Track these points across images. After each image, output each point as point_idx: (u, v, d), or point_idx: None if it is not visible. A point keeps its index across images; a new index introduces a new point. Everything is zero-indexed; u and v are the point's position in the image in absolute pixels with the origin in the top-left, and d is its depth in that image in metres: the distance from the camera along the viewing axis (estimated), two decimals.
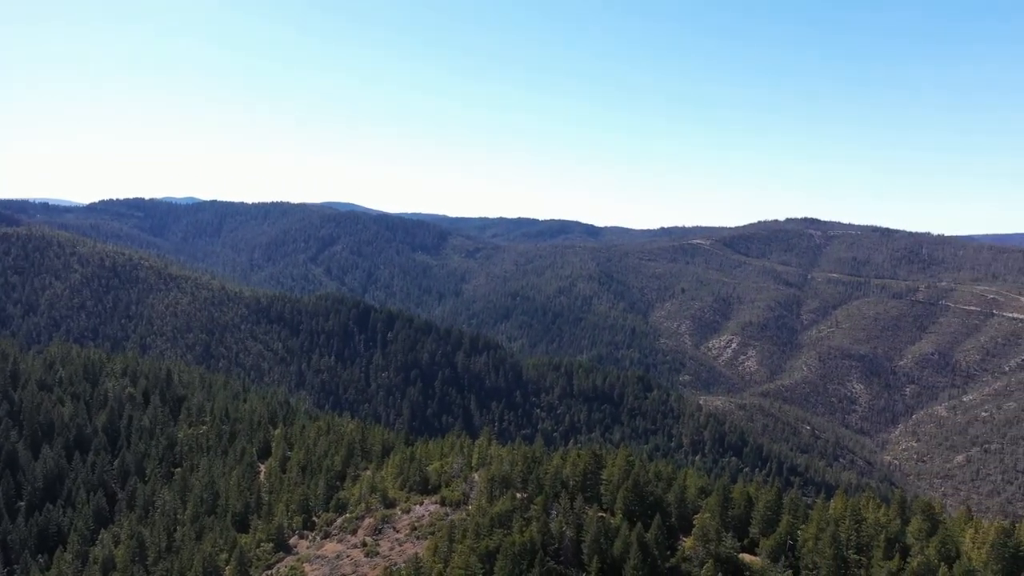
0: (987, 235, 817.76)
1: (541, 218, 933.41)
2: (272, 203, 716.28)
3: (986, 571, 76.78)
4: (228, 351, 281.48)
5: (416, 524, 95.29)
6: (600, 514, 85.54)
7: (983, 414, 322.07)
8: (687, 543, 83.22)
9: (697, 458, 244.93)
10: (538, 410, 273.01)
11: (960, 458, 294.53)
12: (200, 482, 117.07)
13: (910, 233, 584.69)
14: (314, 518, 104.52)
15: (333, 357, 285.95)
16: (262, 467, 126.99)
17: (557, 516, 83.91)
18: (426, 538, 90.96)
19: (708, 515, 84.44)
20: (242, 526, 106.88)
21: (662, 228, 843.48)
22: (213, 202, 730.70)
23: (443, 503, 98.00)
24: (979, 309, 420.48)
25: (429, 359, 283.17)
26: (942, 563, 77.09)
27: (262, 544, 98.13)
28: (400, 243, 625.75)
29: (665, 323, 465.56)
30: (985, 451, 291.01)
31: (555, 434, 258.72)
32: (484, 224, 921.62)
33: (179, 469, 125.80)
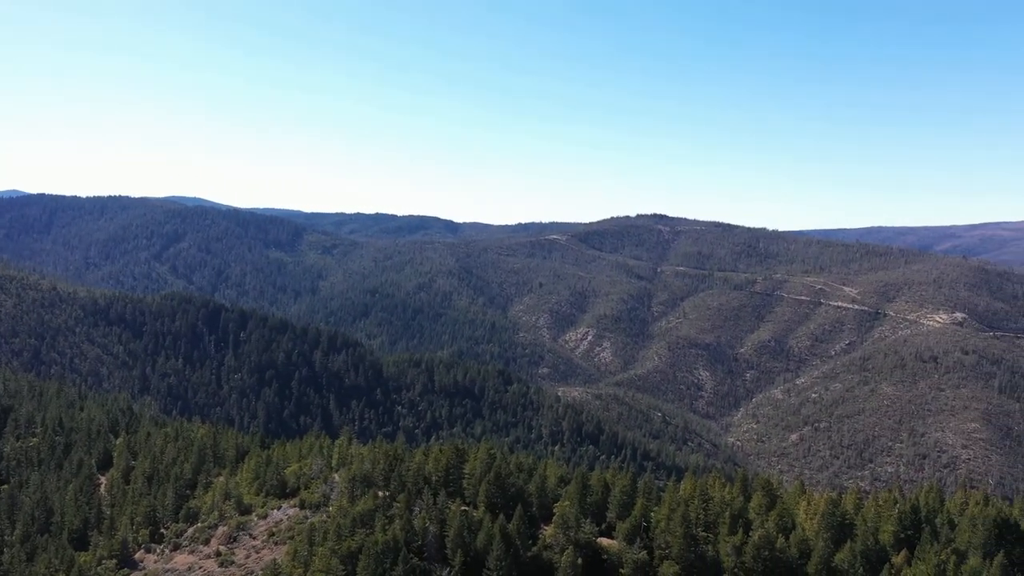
0: (815, 230, 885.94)
1: (400, 214, 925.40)
2: (110, 197, 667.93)
3: (817, 539, 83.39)
4: (61, 356, 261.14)
5: (274, 529, 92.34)
6: (463, 508, 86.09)
7: (813, 395, 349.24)
8: (548, 531, 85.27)
9: (557, 448, 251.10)
10: (399, 407, 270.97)
11: (794, 437, 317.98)
12: (31, 499, 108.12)
13: (748, 228, 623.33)
14: (162, 530, 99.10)
15: (181, 359, 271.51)
16: (103, 479, 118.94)
17: (420, 513, 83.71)
18: (285, 543, 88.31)
19: (568, 503, 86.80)
20: (81, 543, 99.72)
21: (520, 224, 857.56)
22: (41, 195, 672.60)
23: (302, 506, 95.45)
24: (809, 299, 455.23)
25: (285, 359, 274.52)
26: (780, 534, 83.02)
27: (104, 561, 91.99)
28: (252, 239, 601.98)
29: (524, 317, 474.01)
30: (815, 429, 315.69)
31: (417, 431, 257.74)
32: (341, 220, 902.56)
33: (5, 486, 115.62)
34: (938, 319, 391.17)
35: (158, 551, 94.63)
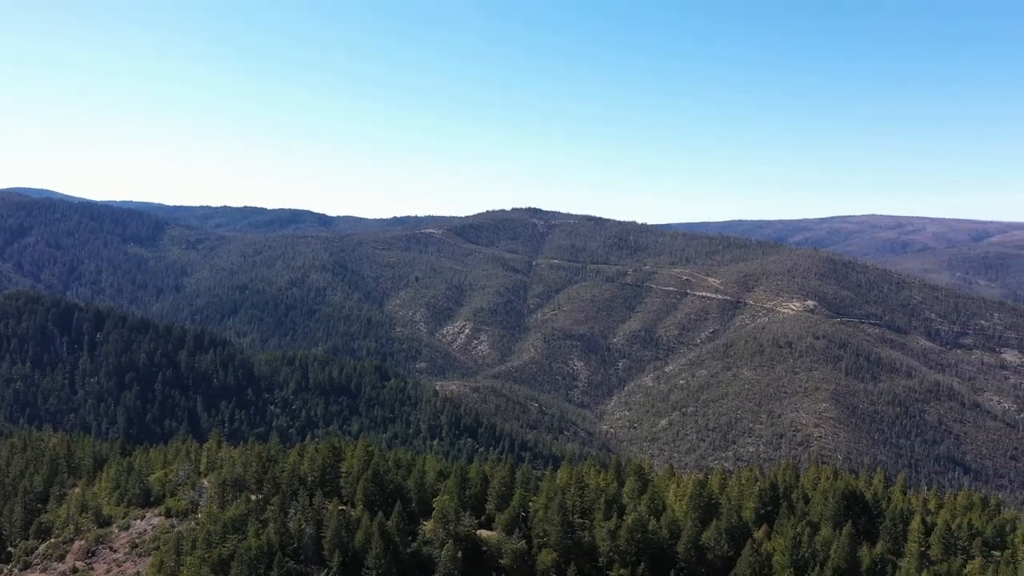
0: (681, 223, 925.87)
1: (269, 207, 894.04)
2: None
3: (686, 519, 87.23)
4: None
5: (137, 541, 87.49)
6: (341, 507, 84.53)
7: (681, 382, 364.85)
8: (428, 526, 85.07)
9: (435, 442, 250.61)
10: (272, 407, 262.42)
11: (664, 422, 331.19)
12: None
13: (619, 222, 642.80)
14: (10, 548, 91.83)
15: (29, 364, 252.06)
16: None
17: (296, 515, 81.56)
18: (149, 554, 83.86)
19: (447, 497, 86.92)
20: None
21: (395, 217, 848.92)
22: None
23: (168, 514, 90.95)
24: (676, 289, 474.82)
25: (147, 360, 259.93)
26: (652, 517, 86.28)
27: None
28: (108, 234, 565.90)
29: (400, 312, 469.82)
30: (683, 414, 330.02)
31: (291, 430, 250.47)
32: (206, 213, 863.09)
33: None
34: (792, 307, 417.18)
35: (6, 571, 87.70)
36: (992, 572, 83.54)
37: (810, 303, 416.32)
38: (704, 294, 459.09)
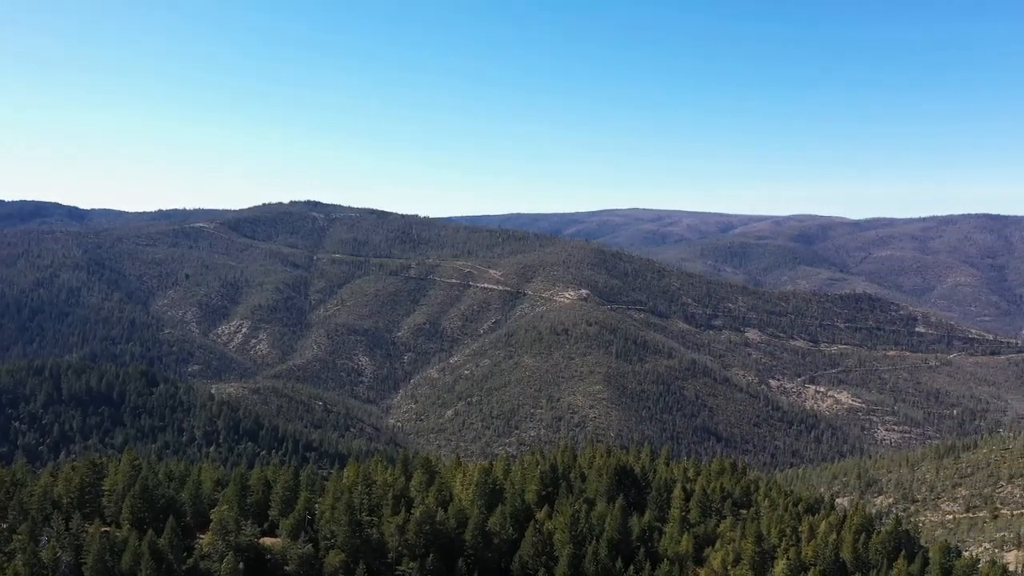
0: (463, 216, 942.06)
1: (6, 199, 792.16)
2: None
3: (473, 507, 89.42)
4: None
5: None
6: (104, 529, 77.46)
7: (465, 372, 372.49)
8: (205, 539, 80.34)
9: (212, 449, 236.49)
10: (17, 423, 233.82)
11: (450, 412, 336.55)
12: None
13: (402, 215, 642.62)
14: None
15: None
16: None
17: (49, 542, 73.55)
18: None
19: (226, 507, 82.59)
20: None
21: (160, 211, 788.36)
22: None
23: None
24: (459, 282, 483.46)
25: None
26: (440, 508, 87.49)
27: None
28: None
29: (169, 312, 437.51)
30: (468, 404, 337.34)
31: (41, 448, 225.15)
32: None
33: None
34: (567, 296, 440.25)
35: None
36: (740, 528, 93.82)
37: (583, 292, 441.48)
38: (486, 285, 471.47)
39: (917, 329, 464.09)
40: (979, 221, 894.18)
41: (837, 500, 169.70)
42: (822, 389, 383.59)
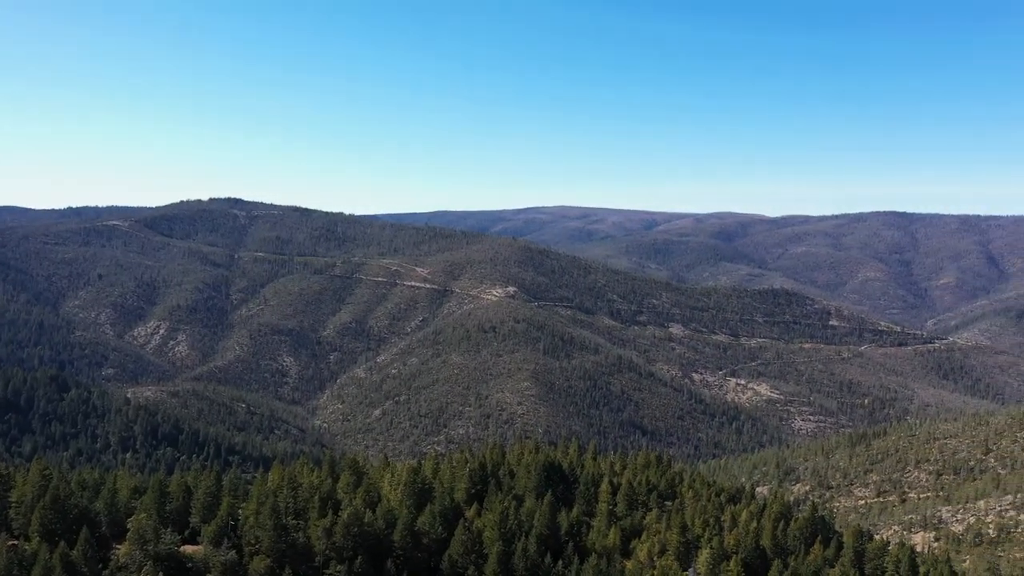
0: (389, 214, 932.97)
1: None
2: None
3: (401, 507, 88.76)
4: None
5: None
6: (12, 543, 73.88)
7: (393, 371, 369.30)
8: (122, 550, 77.45)
9: (129, 456, 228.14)
10: None
11: (377, 412, 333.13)
12: None
13: (327, 213, 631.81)
14: None
15: None
16: None
17: None
18: None
19: (144, 515, 79.80)
20: None
21: (70, 208, 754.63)
22: None
23: None
24: (385, 280, 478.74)
25: None
26: (368, 509, 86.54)
27: None
28: None
29: (81, 314, 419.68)
30: (396, 403, 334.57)
31: None
32: None
33: None
34: (495, 293, 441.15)
35: None
36: (665, 519, 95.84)
37: (511, 289, 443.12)
38: (413, 284, 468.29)
39: (831, 322, 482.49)
40: (887, 218, 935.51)
41: (757, 489, 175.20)
42: (742, 382, 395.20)
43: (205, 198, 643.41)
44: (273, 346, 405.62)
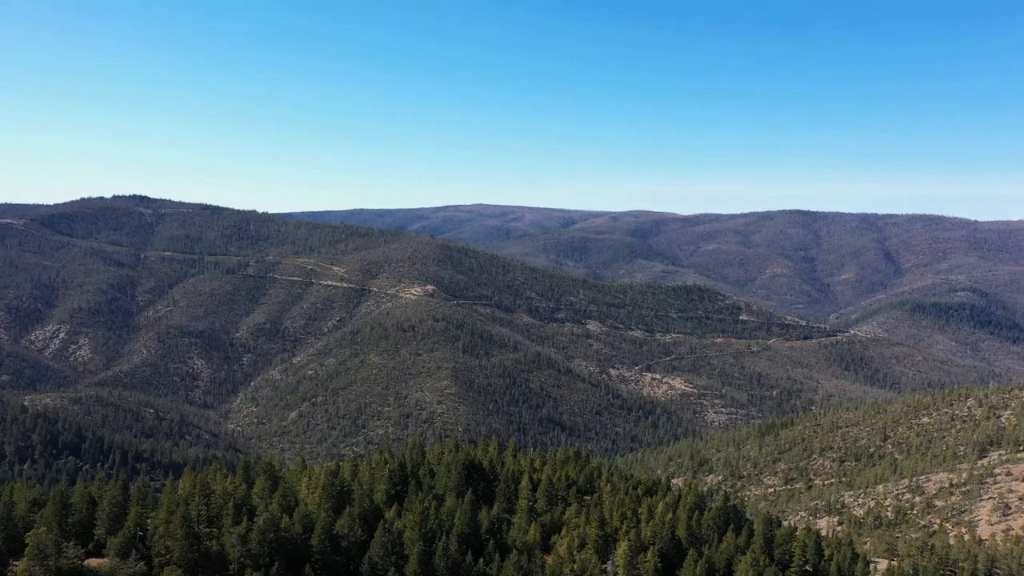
0: (304, 212, 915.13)
1: None
2: None
3: (319, 511, 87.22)
4: None
5: None
6: None
7: (310, 372, 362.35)
8: (20, 566, 73.50)
9: (27, 467, 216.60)
10: None
11: (294, 414, 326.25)
12: None
13: (238, 211, 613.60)
14: None
15: None
16: None
17: None
18: None
19: (44, 528, 75.91)
20: None
21: None
22: None
23: None
24: (301, 279, 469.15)
25: None
26: (284, 514, 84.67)
27: None
28: None
29: None
30: (313, 404, 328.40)
31: None
32: None
33: None
34: (414, 292, 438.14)
35: None
36: (584, 514, 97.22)
37: (430, 287, 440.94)
38: (330, 283, 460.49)
39: (741, 317, 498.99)
40: (793, 217, 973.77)
41: (673, 481, 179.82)
42: (658, 376, 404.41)
43: (108, 195, 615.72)
44: (183, 348, 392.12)
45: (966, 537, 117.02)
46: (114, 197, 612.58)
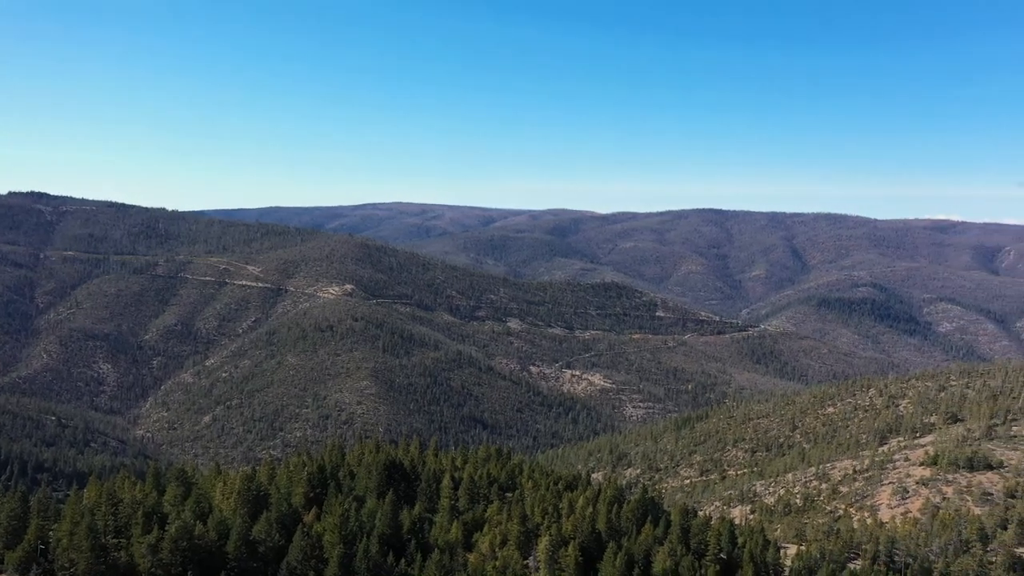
0: (217, 210, 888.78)
1: None
2: None
3: (235, 517, 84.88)
4: None
5: None
6: None
7: (224, 375, 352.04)
8: None
9: None
10: None
11: (207, 418, 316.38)
12: None
13: (146, 209, 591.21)
14: None
15: None
16: None
17: None
18: None
19: None
20: None
21: None
22: None
23: None
24: (214, 279, 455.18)
25: None
26: (198, 522, 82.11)
27: None
28: None
29: None
30: (228, 408, 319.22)
31: None
32: None
33: None
34: (332, 291, 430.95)
35: None
36: (506, 511, 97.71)
37: (348, 287, 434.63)
38: (244, 283, 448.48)
39: (658, 314, 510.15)
40: (706, 215, 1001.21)
41: (593, 475, 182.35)
42: (577, 373, 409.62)
43: (3, 192, 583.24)
44: (87, 352, 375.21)
45: (868, 521, 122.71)
46: (10, 194, 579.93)
